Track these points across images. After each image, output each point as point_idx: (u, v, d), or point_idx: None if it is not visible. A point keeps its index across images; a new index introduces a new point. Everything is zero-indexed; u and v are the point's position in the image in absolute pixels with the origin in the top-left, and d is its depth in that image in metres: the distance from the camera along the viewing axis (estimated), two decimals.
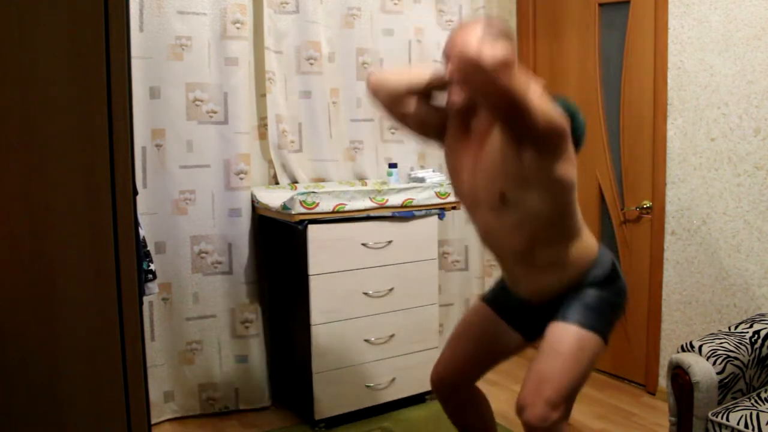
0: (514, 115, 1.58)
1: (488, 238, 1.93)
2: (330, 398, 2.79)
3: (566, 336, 1.79)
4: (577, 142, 1.80)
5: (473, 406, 2.14)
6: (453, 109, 1.84)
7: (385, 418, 2.91)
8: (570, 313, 1.82)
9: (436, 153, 3.56)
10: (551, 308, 1.89)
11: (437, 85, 1.89)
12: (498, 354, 2.09)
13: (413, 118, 1.95)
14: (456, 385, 2.09)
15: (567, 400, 1.78)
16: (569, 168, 1.73)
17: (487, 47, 1.48)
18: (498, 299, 2.07)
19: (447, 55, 1.80)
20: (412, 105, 1.92)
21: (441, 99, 1.94)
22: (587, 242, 1.90)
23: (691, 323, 2.95)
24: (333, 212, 2.70)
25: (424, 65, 2.02)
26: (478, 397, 2.16)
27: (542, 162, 1.68)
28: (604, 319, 1.84)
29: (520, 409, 1.77)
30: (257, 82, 3.07)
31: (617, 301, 1.90)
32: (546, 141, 1.65)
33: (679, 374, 2.09)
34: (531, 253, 1.84)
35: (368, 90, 1.98)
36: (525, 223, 1.78)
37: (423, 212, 2.94)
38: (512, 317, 2.03)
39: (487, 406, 2.18)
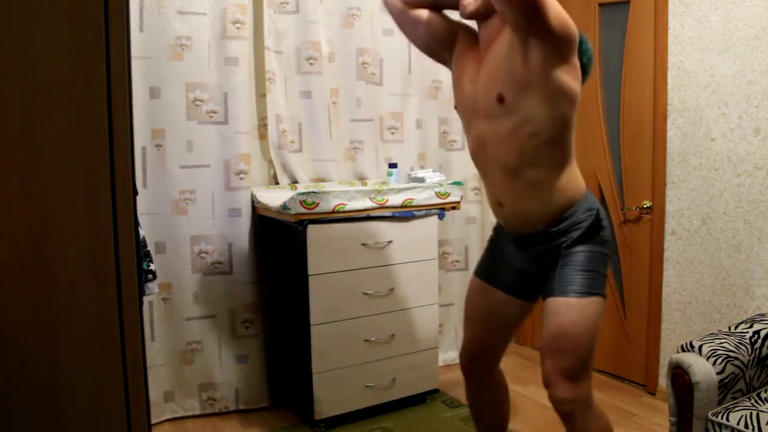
0: (528, 7, 1.58)
1: (480, 150, 1.90)
2: (330, 398, 2.79)
3: (568, 310, 1.81)
4: (584, 70, 1.80)
5: (496, 395, 2.19)
6: (465, 14, 1.85)
7: (385, 418, 2.91)
8: (565, 284, 1.83)
9: (436, 153, 3.57)
10: (542, 268, 1.91)
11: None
12: (508, 323, 2.10)
13: (424, 26, 1.98)
14: (483, 365, 2.14)
15: (586, 367, 1.83)
16: (573, 79, 1.74)
17: None
18: (489, 270, 2.09)
19: None
20: (424, 13, 1.97)
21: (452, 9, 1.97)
22: (576, 176, 1.89)
23: (691, 323, 2.95)
24: (333, 212, 2.70)
25: None
26: (502, 388, 2.22)
27: (548, 64, 1.67)
28: (597, 277, 1.85)
29: (546, 386, 1.83)
30: (257, 82, 3.07)
31: (604, 252, 1.90)
32: (555, 41, 1.65)
33: (679, 374, 2.09)
34: (520, 168, 1.82)
35: None
36: (519, 132, 1.77)
37: (423, 212, 2.94)
38: (507, 285, 2.04)
39: (507, 398, 2.23)
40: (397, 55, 3.38)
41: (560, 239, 1.87)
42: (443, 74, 3.52)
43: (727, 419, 1.98)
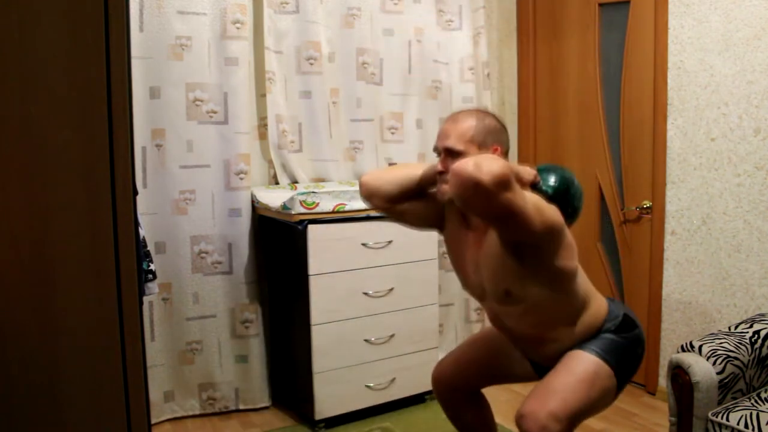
0: (511, 226, 1.57)
1: (498, 322, 1.94)
2: (330, 398, 2.79)
3: (583, 360, 1.78)
4: (574, 213, 1.80)
5: (472, 408, 2.14)
6: (443, 200, 1.81)
7: (385, 418, 2.91)
8: (589, 345, 1.82)
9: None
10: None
11: (429, 181, 1.87)
12: (503, 375, 2.09)
13: (411, 214, 1.96)
14: (455, 389, 2.10)
15: (570, 420, 1.70)
16: (568, 257, 1.74)
17: (485, 164, 1.44)
18: None
19: (438, 149, 1.78)
20: (407, 203, 1.93)
21: (435, 191, 1.92)
22: (596, 308, 1.87)
23: (691, 323, 2.95)
24: (333, 212, 2.70)
25: (414, 164, 2.03)
26: (479, 399, 2.16)
27: (542, 259, 1.69)
28: (619, 360, 1.81)
29: (519, 418, 1.70)
30: (257, 82, 3.07)
31: (634, 350, 1.86)
32: (545, 242, 1.66)
33: (679, 374, 2.09)
34: (541, 335, 1.86)
35: (361, 195, 1.97)
36: (531, 312, 1.80)
37: None
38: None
39: (486, 407, 2.17)
40: (397, 55, 3.38)
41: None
42: (443, 74, 3.53)
43: (727, 419, 1.98)
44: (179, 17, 2.80)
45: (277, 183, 3.15)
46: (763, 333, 2.22)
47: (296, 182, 3.15)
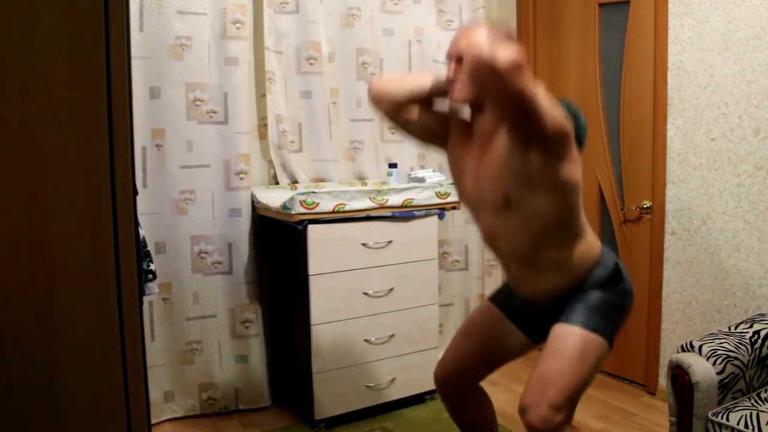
0: (524, 117, 1.58)
1: (492, 241, 1.93)
2: (330, 398, 2.79)
3: (570, 338, 1.79)
4: (580, 143, 1.80)
5: (475, 405, 2.14)
6: (456, 107, 1.83)
7: (385, 418, 2.91)
8: (574, 315, 1.82)
9: (436, 153, 3.57)
10: (556, 310, 1.89)
11: (439, 90, 1.89)
12: (502, 355, 2.09)
13: (416, 124, 1.95)
14: (458, 384, 2.10)
15: (571, 402, 1.76)
16: (574, 169, 1.74)
17: (501, 49, 1.49)
18: (505, 300, 2.08)
19: (450, 55, 1.80)
20: (414, 112, 1.93)
21: (442, 105, 1.94)
22: (590, 243, 1.89)
23: (691, 323, 2.95)
24: (333, 212, 2.70)
25: (424, 72, 2.03)
26: (481, 396, 2.16)
27: (548, 163, 1.68)
28: (608, 321, 1.83)
29: (522, 410, 1.76)
30: (257, 82, 3.07)
31: (622, 303, 1.88)
32: (553, 143, 1.65)
33: (679, 374, 2.09)
34: (534, 255, 1.84)
35: (369, 98, 1.98)
36: (529, 225, 1.78)
37: (423, 212, 2.94)
38: (518, 318, 2.03)
39: (489, 405, 2.18)
40: (397, 55, 3.38)
41: (579, 291, 1.88)
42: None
43: (727, 419, 1.98)
44: (179, 17, 2.80)
45: (277, 183, 3.15)
46: (763, 333, 2.22)
47: (296, 182, 3.15)
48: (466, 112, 1.94)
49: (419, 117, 1.93)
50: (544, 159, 1.67)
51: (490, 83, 1.54)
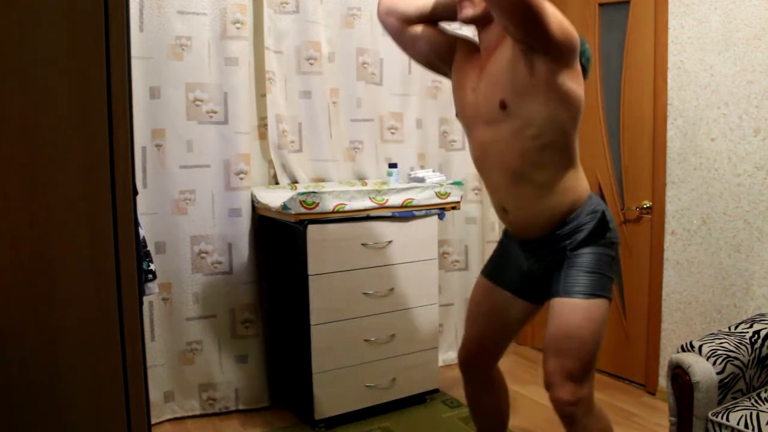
0: (530, 20, 1.59)
1: (483, 158, 1.91)
2: (330, 398, 2.79)
3: (573, 311, 1.81)
4: (584, 70, 1.81)
5: (495, 394, 2.19)
6: (464, 18, 1.84)
7: (385, 418, 2.91)
8: (570, 285, 1.83)
9: (436, 153, 3.57)
10: (549, 270, 1.91)
11: (447, 6, 1.90)
12: (509, 324, 2.11)
13: (423, 42, 1.97)
14: (480, 364, 2.14)
15: (590, 370, 1.82)
16: (577, 85, 1.75)
17: None
18: (497, 270, 2.10)
19: None
20: (422, 29, 1.96)
21: (450, 24, 1.97)
22: (579, 180, 1.89)
23: (691, 323, 2.95)
24: (333, 212, 2.70)
25: None
26: (501, 387, 2.22)
27: (552, 72, 1.68)
28: (603, 279, 1.84)
29: (548, 387, 1.83)
30: (257, 82, 3.06)
31: (611, 254, 1.89)
32: (558, 49, 1.66)
33: (679, 374, 2.09)
34: (522, 173, 1.82)
35: (378, 12, 2.00)
36: (522, 135, 1.76)
37: (423, 212, 2.93)
38: (514, 286, 2.05)
39: (506, 397, 2.23)
40: (397, 55, 3.35)
41: (565, 242, 1.87)
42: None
43: (727, 419, 1.98)
44: (179, 17, 2.80)
45: (277, 183, 3.15)
46: (763, 333, 2.22)
47: (296, 182, 3.15)
48: (472, 35, 1.97)
49: (426, 35, 1.96)
50: (547, 67, 1.68)
51: None
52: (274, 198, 2.85)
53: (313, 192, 2.66)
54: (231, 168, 2.93)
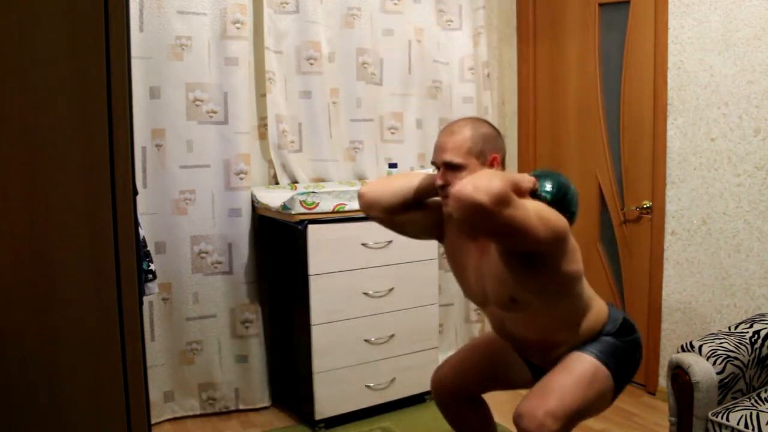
0: (518, 240, 1.56)
1: (502, 330, 1.94)
2: (330, 398, 2.79)
3: (582, 361, 1.79)
4: (571, 218, 1.78)
5: (472, 412, 2.14)
6: (448, 213, 1.81)
7: (385, 418, 2.91)
8: (588, 347, 1.83)
9: None
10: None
11: (430, 191, 1.88)
12: (503, 381, 2.09)
13: (410, 225, 1.95)
14: (455, 394, 2.10)
15: (568, 420, 1.71)
16: (574, 260, 1.74)
17: (483, 184, 1.44)
18: None
19: (436, 164, 1.79)
20: (406, 213, 1.92)
21: (435, 203, 1.93)
22: (598, 310, 1.88)
23: (691, 323, 2.95)
24: (333, 212, 2.70)
25: (411, 173, 2.03)
26: (479, 404, 2.16)
27: (548, 265, 1.68)
28: (618, 362, 1.82)
29: (517, 417, 1.71)
30: (257, 82, 3.07)
31: (632, 354, 1.88)
32: (549, 248, 1.65)
33: (679, 374, 2.09)
34: (546, 338, 1.86)
35: (361, 207, 1.97)
36: (537, 317, 1.80)
37: None
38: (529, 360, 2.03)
39: (487, 413, 2.17)
40: (397, 55, 3.38)
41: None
42: (443, 74, 3.53)
43: (727, 419, 1.98)
44: (179, 17, 2.80)
45: (277, 183, 3.15)
46: (763, 333, 2.22)
47: (296, 182, 3.15)
48: None
49: (413, 217, 1.93)
50: (543, 262, 1.67)
51: (477, 222, 1.50)
52: (274, 198, 2.85)
53: (313, 192, 2.66)
54: (231, 168, 2.93)
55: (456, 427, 2.16)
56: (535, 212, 1.56)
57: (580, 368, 1.77)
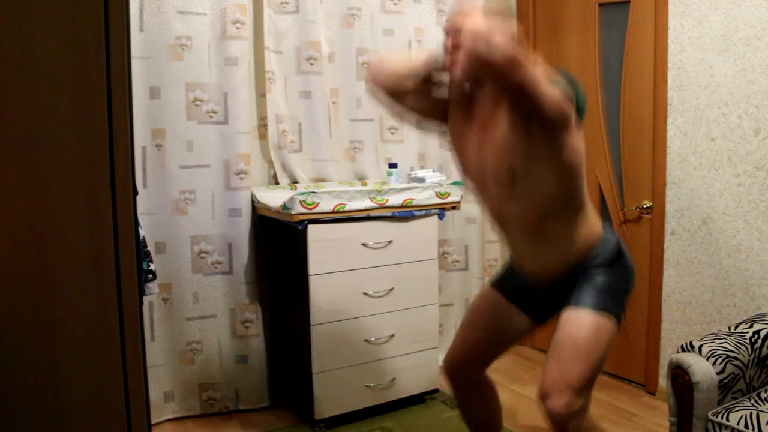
0: (523, 103, 1.59)
1: (497, 215, 1.93)
2: (330, 398, 2.79)
3: (582, 322, 1.81)
4: (580, 112, 1.81)
5: (483, 396, 2.18)
6: (456, 84, 1.84)
7: (385, 418, 2.91)
8: (582, 297, 1.83)
9: (436, 153, 3.57)
10: (560, 291, 1.91)
11: (437, 66, 1.89)
12: (508, 338, 2.11)
13: (415, 102, 1.96)
14: (467, 371, 2.12)
15: (589, 385, 1.81)
16: (577, 140, 1.76)
17: (498, 40, 1.48)
18: (506, 283, 2.10)
19: (448, 31, 1.80)
20: (413, 89, 1.94)
21: (442, 80, 1.94)
22: (593, 219, 1.91)
23: (691, 323, 2.95)
24: (333, 212, 2.70)
25: (420, 49, 2.03)
26: (489, 387, 2.20)
27: (550, 139, 1.69)
28: (615, 300, 1.85)
29: (543, 396, 1.79)
30: (257, 82, 3.06)
31: (625, 282, 1.91)
32: (553, 124, 1.67)
33: (679, 374, 2.09)
34: (540, 227, 1.84)
35: (368, 79, 1.98)
36: (535, 196, 1.79)
37: (423, 212, 2.93)
38: (521, 300, 2.04)
39: (495, 397, 2.22)
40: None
41: (578, 271, 1.89)
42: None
43: (727, 419, 1.98)
44: (179, 17, 2.80)
45: (277, 183, 3.15)
46: (763, 333, 2.22)
47: (296, 182, 3.15)
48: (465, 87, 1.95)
49: (418, 93, 1.94)
50: (546, 136, 1.69)
51: (488, 75, 1.56)
52: (274, 198, 2.85)
53: (313, 192, 2.66)
54: (231, 168, 2.93)
55: (466, 411, 2.21)
56: (544, 80, 1.59)
57: (584, 330, 1.79)
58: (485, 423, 2.22)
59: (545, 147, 1.70)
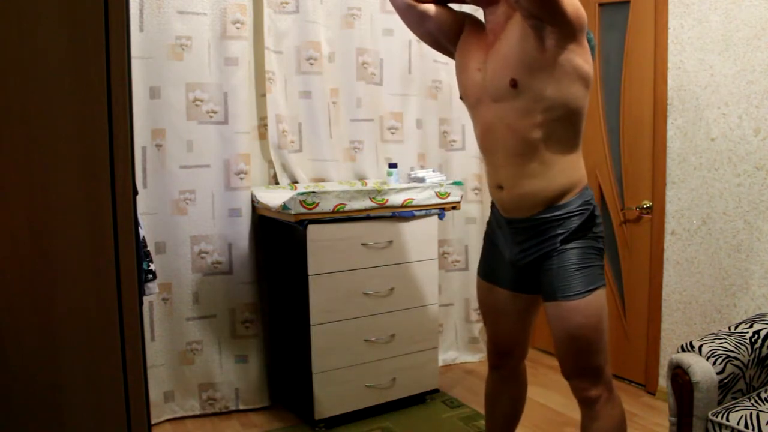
0: (545, 3, 1.62)
1: (487, 134, 1.91)
2: (330, 398, 2.79)
3: (571, 314, 1.82)
4: (591, 51, 1.83)
5: (514, 384, 2.23)
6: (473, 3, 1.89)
7: (385, 418, 2.91)
8: (564, 287, 1.83)
9: (436, 153, 3.57)
10: (536, 263, 1.91)
11: None
12: (519, 317, 2.10)
13: (432, 22, 2.00)
14: (509, 355, 2.17)
15: (603, 359, 1.87)
16: (586, 62, 1.77)
17: None
18: (489, 270, 2.10)
19: None
20: (430, 8, 1.99)
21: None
22: (580, 165, 1.91)
23: (691, 323, 2.95)
24: (333, 212, 2.70)
25: None
26: (522, 380, 2.26)
27: (562, 48, 1.71)
28: (593, 271, 1.86)
29: (567, 378, 1.91)
30: (257, 82, 3.07)
31: (598, 246, 1.91)
32: (569, 27, 1.68)
33: (679, 374, 2.09)
34: (529, 148, 1.82)
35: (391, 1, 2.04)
36: (532, 109, 1.78)
37: (423, 212, 2.94)
38: (508, 282, 2.04)
39: (524, 390, 2.27)
40: (397, 55, 3.38)
41: (551, 232, 1.86)
42: (443, 74, 3.53)
43: (727, 419, 1.98)
44: (179, 17, 2.80)
45: (277, 183, 3.15)
46: (763, 333, 2.22)
47: (296, 182, 3.15)
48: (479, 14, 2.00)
49: (435, 14, 1.99)
50: (558, 44, 1.70)
51: None
52: (274, 198, 2.85)
53: (313, 192, 2.66)
54: (231, 168, 2.93)
55: (491, 399, 2.25)
56: None
57: (582, 318, 1.82)
58: (507, 418, 2.23)
59: (553, 55, 1.71)
